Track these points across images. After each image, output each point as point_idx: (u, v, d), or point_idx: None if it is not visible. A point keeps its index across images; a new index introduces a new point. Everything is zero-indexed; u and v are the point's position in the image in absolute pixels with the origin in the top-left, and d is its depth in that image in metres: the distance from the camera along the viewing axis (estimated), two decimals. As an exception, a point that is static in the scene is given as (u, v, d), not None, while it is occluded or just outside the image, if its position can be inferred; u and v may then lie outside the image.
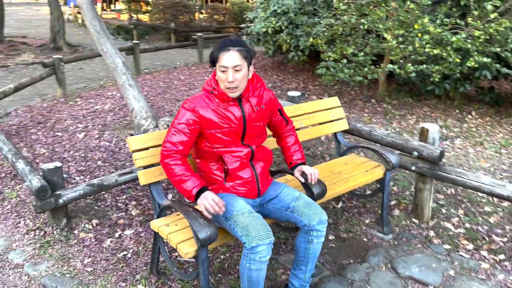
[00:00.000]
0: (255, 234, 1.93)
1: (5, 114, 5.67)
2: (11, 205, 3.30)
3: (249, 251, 1.93)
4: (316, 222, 2.14)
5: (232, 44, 2.04)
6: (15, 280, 2.53)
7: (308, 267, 2.24)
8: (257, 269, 1.95)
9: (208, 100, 2.12)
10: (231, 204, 2.08)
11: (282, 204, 2.23)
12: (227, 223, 2.05)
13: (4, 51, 10.43)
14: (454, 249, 2.83)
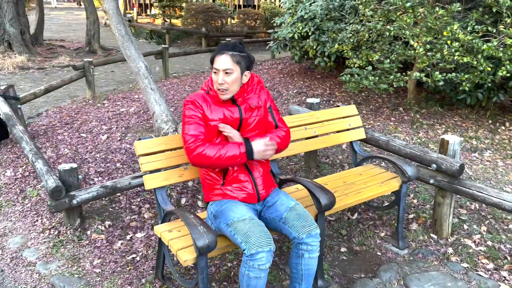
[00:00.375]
0: (255, 241, 1.89)
1: (37, 114, 5.89)
2: (31, 203, 3.40)
3: (248, 258, 1.90)
4: (305, 236, 2.06)
5: (227, 48, 2.08)
6: (26, 278, 2.59)
7: (303, 285, 2.14)
8: (256, 277, 1.91)
9: (206, 97, 2.16)
10: (232, 210, 2.06)
11: (276, 214, 2.17)
12: (228, 229, 2.02)
13: (43, 53, 10.87)
14: (473, 268, 2.69)
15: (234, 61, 2.06)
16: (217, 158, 2.03)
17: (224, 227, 2.05)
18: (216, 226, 2.12)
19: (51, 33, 14.60)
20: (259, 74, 8.59)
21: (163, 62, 8.37)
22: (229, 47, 2.08)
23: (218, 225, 2.10)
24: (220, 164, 2.06)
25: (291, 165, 4.14)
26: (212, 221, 2.15)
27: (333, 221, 3.22)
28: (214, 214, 2.14)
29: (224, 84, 2.08)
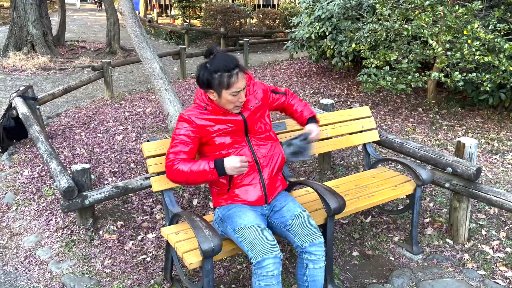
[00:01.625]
0: (261, 248, 1.86)
1: (56, 114, 6.00)
2: (47, 202, 3.46)
3: (255, 266, 1.87)
4: (308, 244, 2.00)
5: (233, 65, 1.97)
6: (39, 276, 2.63)
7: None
8: (267, 285, 1.87)
9: (203, 113, 2.08)
10: (239, 216, 2.03)
11: (281, 220, 2.13)
12: (234, 235, 2.00)
13: (64, 54, 11.10)
14: (490, 276, 2.59)
15: (244, 74, 2.03)
16: (189, 173, 1.99)
17: (231, 232, 2.03)
18: (223, 230, 2.10)
19: (73, 34, 14.90)
20: (276, 74, 8.56)
21: (180, 63, 8.42)
22: (234, 63, 1.98)
23: (224, 229, 2.08)
24: (194, 180, 2.01)
25: (304, 166, 4.09)
26: (219, 225, 2.13)
27: (346, 224, 3.16)
28: (221, 218, 2.12)
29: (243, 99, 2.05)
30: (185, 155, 2.03)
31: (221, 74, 1.95)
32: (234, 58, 2.00)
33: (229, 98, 2.00)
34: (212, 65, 1.97)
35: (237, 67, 1.97)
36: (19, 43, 10.21)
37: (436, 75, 4.64)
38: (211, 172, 1.98)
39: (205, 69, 1.98)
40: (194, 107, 2.11)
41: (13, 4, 10.26)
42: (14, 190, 3.69)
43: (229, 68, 1.95)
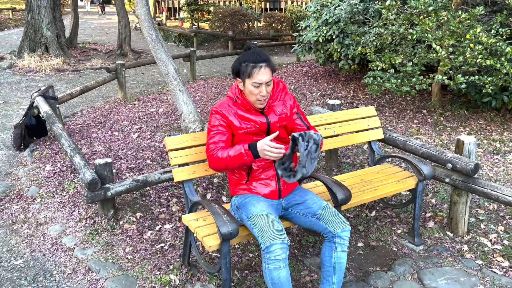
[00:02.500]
0: (269, 235, 2.04)
1: (72, 114, 6.23)
2: (69, 195, 3.67)
3: (264, 251, 2.05)
4: (340, 230, 2.20)
5: (261, 59, 2.15)
6: (65, 262, 2.84)
7: (335, 279, 2.24)
8: (275, 268, 2.04)
9: (233, 105, 2.28)
10: (253, 204, 2.22)
11: (308, 211, 2.31)
12: (247, 222, 2.19)
13: (77, 56, 11.37)
14: (487, 265, 2.76)
15: (271, 71, 2.19)
16: (227, 158, 2.16)
17: (244, 219, 2.22)
18: (238, 217, 2.29)
19: (84, 36, 15.20)
20: (284, 76, 8.75)
21: (190, 65, 8.64)
22: (263, 58, 2.15)
23: (239, 216, 2.27)
24: (233, 164, 2.17)
25: (312, 164, 4.27)
26: (235, 212, 2.33)
27: (352, 218, 3.34)
28: (237, 206, 2.31)
29: (265, 96, 2.19)
30: (223, 144, 2.23)
31: (247, 64, 2.16)
32: (265, 54, 2.19)
33: (251, 88, 2.18)
34: (244, 57, 2.19)
35: (265, 62, 2.15)
36: (33, 45, 10.49)
37: (440, 77, 4.81)
38: (246, 154, 2.11)
39: (238, 59, 2.21)
40: (225, 100, 2.31)
41: (28, 7, 10.55)
42: (38, 184, 3.91)
43: (256, 60, 2.14)
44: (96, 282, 2.62)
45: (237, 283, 2.60)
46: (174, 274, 2.65)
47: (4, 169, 4.27)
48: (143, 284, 2.58)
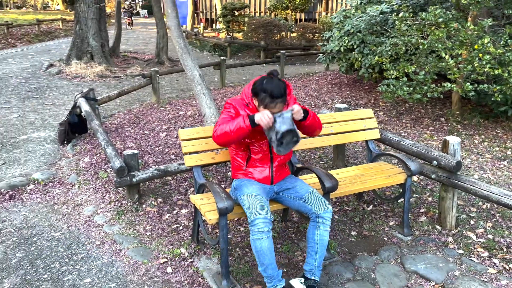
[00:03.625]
0: (255, 211, 2.42)
1: (110, 115, 6.87)
2: (102, 182, 4.20)
3: (250, 224, 2.42)
4: (323, 211, 2.54)
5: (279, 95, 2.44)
6: (95, 235, 3.33)
7: (318, 253, 2.56)
8: (258, 239, 2.40)
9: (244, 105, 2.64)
10: (246, 186, 2.62)
11: (296, 195, 2.68)
12: (240, 200, 2.59)
13: (118, 64, 12.21)
14: (467, 255, 3.01)
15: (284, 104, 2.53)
16: (228, 130, 2.47)
17: (239, 198, 2.62)
18: (235, 196, 2.70)
19: (126, 46, 16.18)
20: (308, 84, 9.11)
21: (220, 73, 9.17)
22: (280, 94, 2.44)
23: (236, 195, 2.68)
24: (236, 134, 2.46)
25: (321, 163, 4.62)
26: (233, 192, 2.73)
27: (349, 210, 3.66)
28: (234, 187, 2.72)
29: None
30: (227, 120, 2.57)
31: (266, 95, 2.45)
32: (283, 88, 2.48)
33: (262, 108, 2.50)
34: (266, 85, 2.46)
35: (280, 98, 2.47)
36: (80, 53, 11.40)
37: (449, 85, 5.03)
38: (245, 123, 2.42)
39: (261, 83, 2.51)
40: (239, 98, 2.67)
41: (76, 18, 11.51)
42: (77, 173, 4.47)
43: (274, 95, 2.44)
44: (119, 251, 3.09)
45: (237, 257, 2.99)
46: (184, 248, 3.08)
47: (50, 160, 4.89)
48: (157, 255, 3.03)
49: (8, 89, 8.62)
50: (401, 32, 5.43)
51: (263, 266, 2.42)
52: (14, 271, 2.86)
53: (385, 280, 2.75)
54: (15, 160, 4.88)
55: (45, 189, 4.15)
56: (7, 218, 3.60)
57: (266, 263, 2.40)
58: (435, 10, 5.09)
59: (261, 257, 2.41)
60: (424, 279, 2.77)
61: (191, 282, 2.75)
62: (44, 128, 6.14)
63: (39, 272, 2.86)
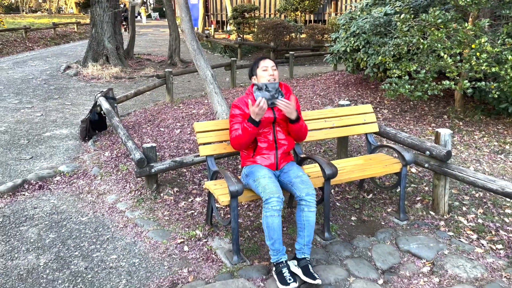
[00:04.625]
0: (269, 190, 2.75)
1: (127, 114, 7.25)
2: (122, 174, 4.55)
3: (264, 202, 2.75)
4: (305, 194, 2.82)
5: (264, 57, 3.05)
6: (119, 219, 3.68)
7: (305, 233, 2.81)
8: (271, 216, 2.72)
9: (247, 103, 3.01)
10: (258, 171, 2.94)
11: (288, 179, 2.98)
12: (254, 183, 2.90)
13: (133, 66, 12.64)
14: (457, 236, 3.29)
15: (274, 63, 3.05)
16: (240, 135, 2.93)
17: (251, 182, 2.94)
18: (247, 182, 3.01)
19: (140, 48, 16.64)
20: (316, 84, 9.40)
21: (231, 73, 9.51)
22: (266, 57, 3.08)
23: (247, 181, 2.99)
24: (245, 137, 2.91)
25: (325, 156, 4.92)
26: (244, 178, 3.05)
27: (350, 198, 3.96)
28: (246, 174, 3.04)
29: (274, 75, 3.00)
30: None
31: (256, 62, 3.08)
32: (268, 57, 2.98)
33: (261, 73, 3.01)
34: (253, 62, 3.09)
35: (268, 59, 3.04)
36: (96, 55, 11.85)
37: (447, 83, 5.29)
38: (248, 125, 2.87)
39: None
40: (242, 97, 3.09)
41: (92, 22, 11.96)
42: (99, 166, 4.84)
43: (260, 58, 3.06)
44: (141, 233, 3.43)
45: (247, 238, 3.31)
46: (199, 230, 3.41)
47: (73, 155, 5.27)
48: (175, 236, 3.36)
49: (29, 90, 9.08)
50: (403, 33, 5.70)
51: (272, 240, 2.73)
52: (48, 249, 3.22)
53: (380, 257, 3.05)
54: (41, 155, 5.27)
55: (70, 180, 4.52)
56: (38, 205, 3.97)
57: (274, 237, 2.72)
58: (435, 11, 5.35)
59: (271, 232, 2.72)
60: (416, 257, 3.05)
61: (205, 258, 3.07)
62: (66, 126, 6.53)
63: (71, 249, 3.21)
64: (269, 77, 2.98)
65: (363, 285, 2.72)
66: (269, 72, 3.00)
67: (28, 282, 2.84)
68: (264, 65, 3.01)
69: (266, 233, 2.76)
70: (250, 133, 2.90)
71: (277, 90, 2.94)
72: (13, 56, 14.56)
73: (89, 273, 2.93)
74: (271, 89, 2.92)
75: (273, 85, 2.93)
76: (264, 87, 2.92)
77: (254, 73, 3.08)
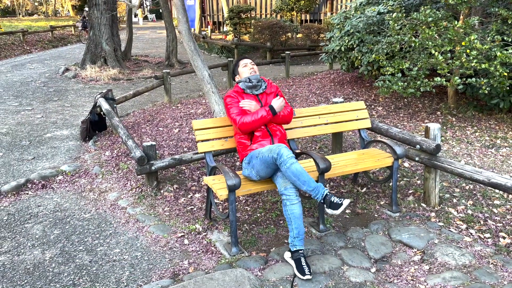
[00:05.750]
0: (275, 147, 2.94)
1: (126, 114, 7.36)
2: (123, 172, 4.67)
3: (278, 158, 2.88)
4: (283, 188, 2.92)
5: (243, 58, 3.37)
6: (120, 215, 3.80)
7: (293, 226, 2.87)
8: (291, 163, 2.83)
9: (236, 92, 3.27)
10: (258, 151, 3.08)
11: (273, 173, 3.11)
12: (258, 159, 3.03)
13: (131, 67, 12.74)
14: (446, 226, 3.42)
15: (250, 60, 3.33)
16: (253, 120, 3.11)
17: (255, 160, 3.04)
18: (251, 167, 3.10)
19: (137, 49, 16.74)
20: (312, 83, 9.53)
21: (228, 73, 9.63)
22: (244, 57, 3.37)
23: (252, 165, 3.09)
24: (258, 123, 3.12)
25: (321, 152, 5.04)
26: (247, 167, 3.17)
27: (345, 192, 4.09)
28: (247, 161, 3.16)
29: (254, 69, 3.35)
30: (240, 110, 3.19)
31: (236, 62, 3.44)
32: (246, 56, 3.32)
33: (242, 69, 3.35)
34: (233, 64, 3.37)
35: (246, 58, 3.36)
36: (94, 57, 11.96)
37: (439, 79, 5.42)
38: (267, 113, 3.13)
39: None
40: (231, 90, 3.31)
41: (90, 25, 12.06)
42: (100, 165, 4.96)
43: (239, 59, 3.40)
44: (142, 228, 3.55)
45: (245, 231, 3.43)
46: (198, 225, 3.53)
47: (74, 155, 5.39)
48: (175, 230, 3.49)
49: (29, 93, 9.18)
50: (395, 31, 5.84)
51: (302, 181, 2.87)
52: (53, 244, 3.34)
53: (373, 247, 3.17)
54: (43, 155, 5.38)
55: (72, 179, 4.63)
56: (42, 203, 4.09)
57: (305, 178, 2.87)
58: (426, 10, 5.49)
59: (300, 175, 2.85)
60: (407, 246, 3.18)
61: (205, 250, 3.20)
62: (66, 127, 6.64)
63: (75, 244, 3.33)
64: (250, 71, 3.33)
65: (356, 273, 2.84)
66: (248, 67, 3.34)
67: (35, 275, 2.96)
68: (243, 63, 3.37)
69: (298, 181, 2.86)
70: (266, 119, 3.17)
71: (259, 80, 3.34)
72: (11, 59, 14.65)
73: (93, 266, 3.04)
74: (253, 80, 3.31)
75: (255, 77, 3.31)
76: (247, 80, 3.29)
77: (236, 72, 3.40)
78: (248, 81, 3.27)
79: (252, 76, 3.29)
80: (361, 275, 2.82)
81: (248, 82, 3.28)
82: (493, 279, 2.75)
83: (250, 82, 3.27)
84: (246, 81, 3.28)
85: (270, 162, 2.96)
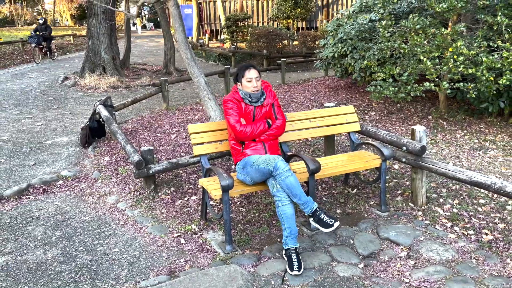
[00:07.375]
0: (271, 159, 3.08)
1: (125, 121, 7.52)
2: (122, 177, 4.81)
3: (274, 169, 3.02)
4: (276, 190, 3.07)
5: (252, 66, 3.33)
6: (119, 217, 3.94)
7: (285, 225, 3.02)
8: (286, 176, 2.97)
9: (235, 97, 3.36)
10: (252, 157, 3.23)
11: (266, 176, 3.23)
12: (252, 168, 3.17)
13: (129, 75, 12.93)
14: (432, 224, 3.56)
15: (257, 72, 3.34)
16: (252, 132, 3.26)
17: (250, 168, 3.19)
18: (246, 173, 3.24)
19: (135, 58, 16.95)
20: (307, 89, 9.71)
21: (225, 80, 9.81)
22: (250, 65, 3.37)
23: (246, 171, 3.23)
24: (255, 135, 3.28)
25: (313, 156, 5.19)
26: (241, 172, 3.31)
27: (336, 193, 4.23)
28: (241, 167, 3.31)
29: (257, 87, 3.34)
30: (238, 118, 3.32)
31: (241, 69, 3.37)
32: (252, 63, 3.32)
33: (246, 83, 3.33)
34: (239, 69, 3.38)
35: (251, 67, 3.34)
36: (93, 66, 12.14)
37: (428, 84, 5.59)
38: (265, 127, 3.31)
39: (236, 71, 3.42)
40: (231, 93, 3.40)
41: (89, 34, 12.26)
42: (99, 170, 5.10)
43: (246, 67, 3.35)
44: (140, 229, 3.69)
45: (239, 231, 3.57)
46: (194, 225, 3.67)
47: (74, 160, 5.53)
48: (172, 230, 3.62)
49: (29, 101, 9.34)
50: (386, 38, 6.02)
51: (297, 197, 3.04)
52: (55, 245, 3.47)
53: (361, 245, 3.32)
54: (43, 161, 5.53)
55: (72, 183, 4.77)
56: (43, 207, 4.22)
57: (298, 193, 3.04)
58: (414, 17, 5.68)
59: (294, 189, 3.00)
60: (394, 243, 3.33)
61: (200, 249, 3.33)
62: (66, 134, 6.79)
63: (76, 245, 3.47)
64: (253, 89, 3.33)
65: (345, 268, 2.98)
66: (253, 84, 3.32)
67: (37, 274, 3.09)
68: (249, 77, 3.32)
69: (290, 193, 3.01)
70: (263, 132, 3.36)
71: (259, 97, 3.39)
72: (11, 68, 14.84)
73: (93, 264, 3.18)
74: (254, 98, 3.36)
75: (256, 95, 3.37)
76: (248, 95, 3.35)
77: (240, 80, 3.38)
78: (249, 97, 3.35)
79: (253, 94, 3.34)
80: (349, 270, 2.96)
81: (249, 97, 3.35)
82: (475, 272, 2.90)
83: (250, 98, 3.36)
84: (247, 96, 3.35)
85: (265, 172, 3.12)
